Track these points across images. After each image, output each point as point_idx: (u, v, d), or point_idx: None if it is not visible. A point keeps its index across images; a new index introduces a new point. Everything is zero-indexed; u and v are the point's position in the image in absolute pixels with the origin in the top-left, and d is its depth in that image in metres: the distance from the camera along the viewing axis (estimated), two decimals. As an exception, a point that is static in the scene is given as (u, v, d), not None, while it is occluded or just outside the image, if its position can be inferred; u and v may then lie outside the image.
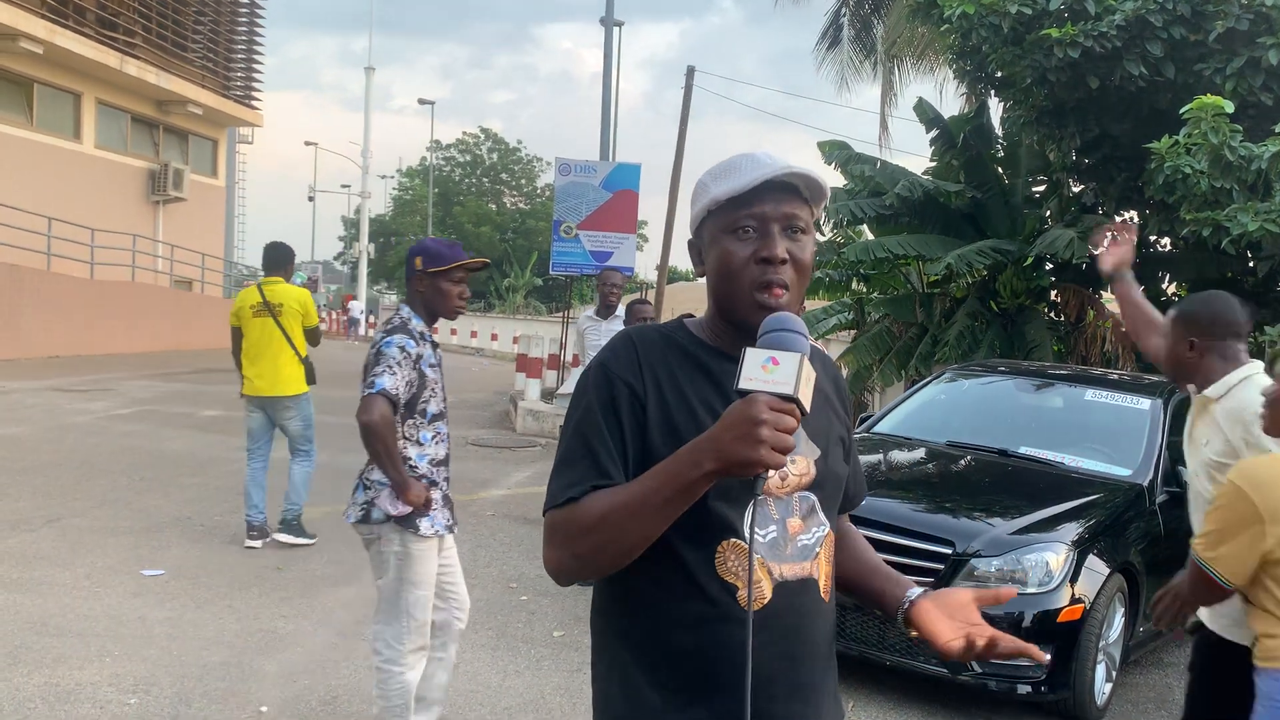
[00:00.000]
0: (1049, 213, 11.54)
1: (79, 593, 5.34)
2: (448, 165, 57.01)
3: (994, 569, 4.45)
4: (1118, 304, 3.65)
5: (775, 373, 1.32)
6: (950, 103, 22.62)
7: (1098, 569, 4.57)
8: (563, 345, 15.24)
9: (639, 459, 1.49)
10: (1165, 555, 4.83)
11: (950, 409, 6.38)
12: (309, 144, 61.65)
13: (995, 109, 12.05)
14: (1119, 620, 4.77)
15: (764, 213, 1.51)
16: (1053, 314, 11.46)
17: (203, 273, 23.34)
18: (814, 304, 13.49)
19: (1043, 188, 11.98)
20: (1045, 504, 4.89)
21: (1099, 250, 3.56)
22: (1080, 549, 4.55)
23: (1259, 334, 8.56)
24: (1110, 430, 5.71)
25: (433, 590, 3.53)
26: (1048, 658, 1.59)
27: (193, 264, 22.57)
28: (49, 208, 17.57)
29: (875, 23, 19.80)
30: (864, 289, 13.22)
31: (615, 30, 16.21)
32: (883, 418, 6.37)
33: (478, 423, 12.82)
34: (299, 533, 6.54)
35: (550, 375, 14.53)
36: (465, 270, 3.55)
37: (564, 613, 5.52)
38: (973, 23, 9.10)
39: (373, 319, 40.10)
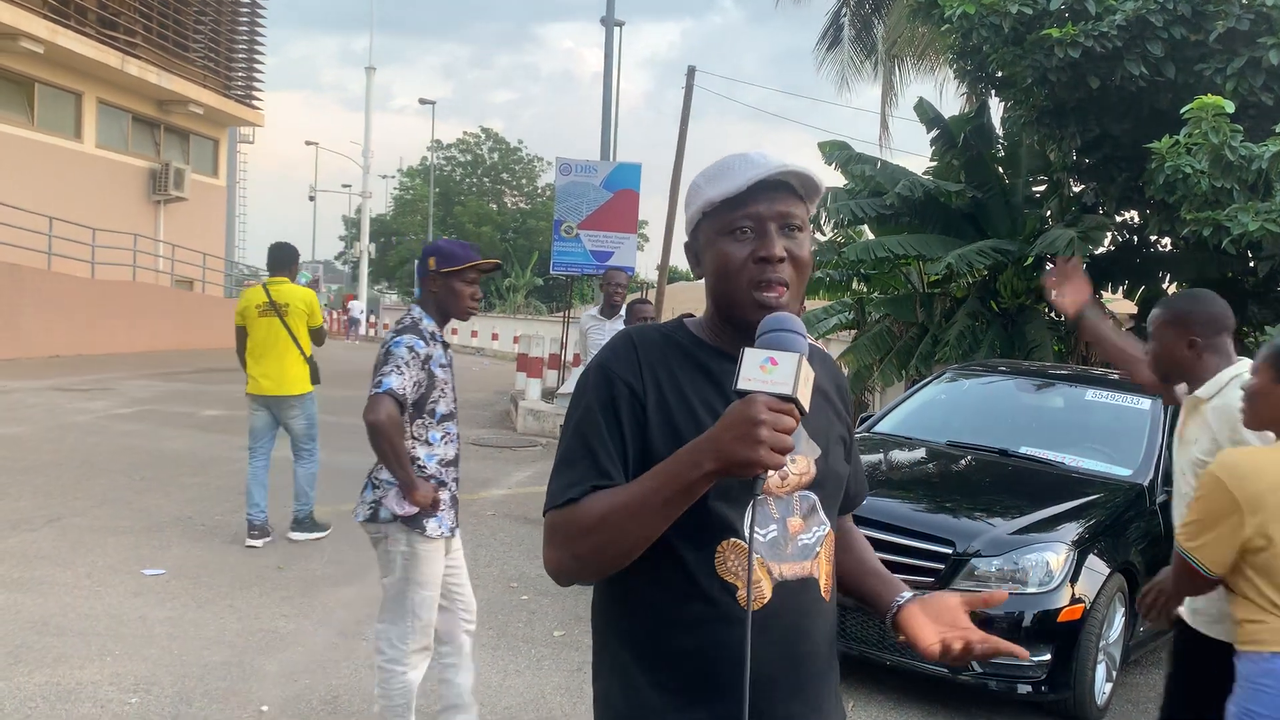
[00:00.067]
0: (1049, 213, 11.54)
1: (80, 592, 5.34)
2: (448, 165, 57.03)
3: (994, 569, 4.45)
4: (1093, 345, 3.60)
5: (774, 373, 1.32)
6: (950, 103, 22.65)
7: (1098, 569, 4.57)
8: (563, 345, 15.24)
9: (639, 459, 1.49)
10: (1166, 555, 4.78)
11: (951, 409, 6.38)
12: (310, 144, 61.76)
13: (996, 109, 12.06)
14: (1119, 620, 4.77)
15: (759, 212, 1.51)
16: (1053, 314, 11.45)
17: (204, 272, 23.33)
18: (814, 304, 13.49)
19: (1043, 188, 11.99)
20: (1045, 504, 4.89)
21: (1054, 295, 3.53)
22: (1080, 549, 4.55)
23: (1260, 334, 8.55)
24: (1111, 430, 5.72)
25: (438, 591, 3.53)
26: (1029, 655, 1.59)
27: (194, 264, 22.57)
28: (50, 207, 17.58)
29: (876, 23, 19.81)
30: (864, 289, 13.22)
31: (616, 30, 16.22)
32: (883, 417, 6.37)
33: (478, 422, 12.82)
34: (312, 528, 6.67)
35: (551, 375, 14.54)
36: (478, 271, 3.56)
37: (564, 612, 5.52)
38: (973, 23, 9.10)
39: (373, 319, 40.11)
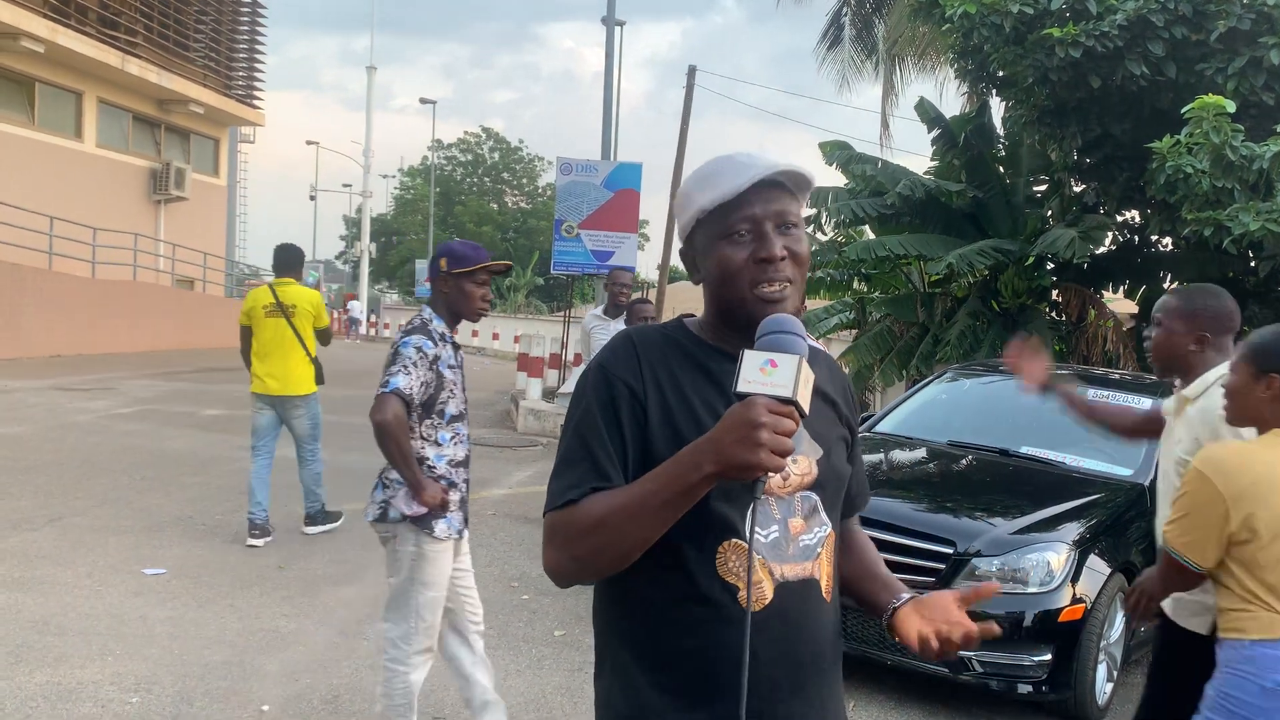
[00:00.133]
0: (1050, 212, 11.54)
1: (80, 592, 5.34)
2: (449, 164, 57.03)
3: (995, 569, 4.45)
4: (1069, 409, 3.62)
5: (774, 375, 1.31)
6: (951, 102, 22.62)
7: (1099, 569, 4.57)
8: (564, 344, 15.25)
9: (639, 460, 1.49)
10: (1166, 555, 4.82)
11: (951, 408, 6.38)
12: (310, 143, 61.91)
13: (997, 108, 12.06)
14: (1120, 620, 4.77)
15: (755, 214, 1.51)
16: (1054, 314, 11.46)
17: (204, 272, 23.34)
18: (815, 303, 13.49)
19: (1044, 187, 11.99)
20: (1046, 504, 4.89)
21: (1018, 376, 3.50)
22: (1081, 549, 4.55)
23: (1260, 334, 8.49)
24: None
25: (444, 592, 3.53)
26: (999, 629, 1.59)
27: (194, 263, 22.57)
28: (50, 207, 17.58)
29: (876, 22, 19.81)
30: (865, 288, 13.23)
31: (617, 30, 16.20)
32: (884, 417, 6.37)
33: (479, 422, 12.82)
34: (325, 520, 6.81)
35: (552, 374, 14.54)
36: (489, 272, 3.56)
37: (565, 612, 5.52)
38: (974, 22, 9.11)
39: (374, 318, 40.11)
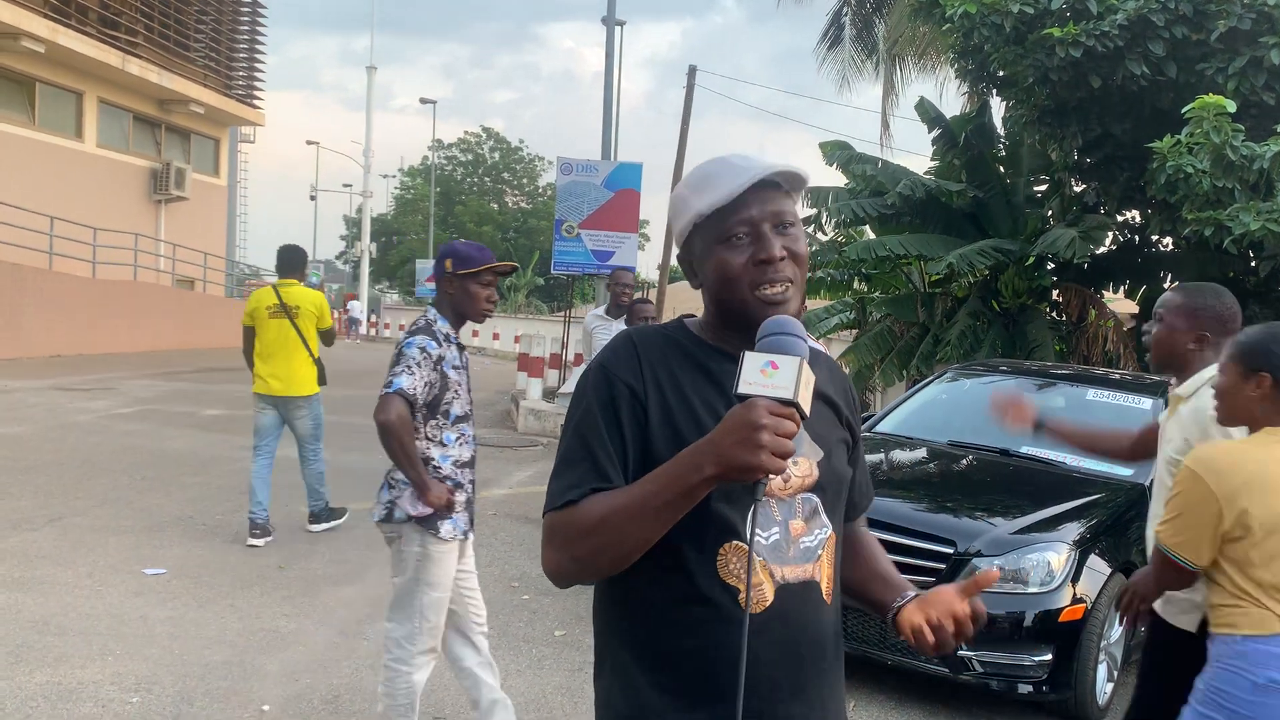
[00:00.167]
0: (1051, 212, 11.55)
1: (81, 592, 5.35)
2: (449, 164, 57.02)
3: (995, 569, 4.44)
4: (1074, 450, 3.61)
5: (775, 377, 1.31)
6: (951, 102, 22.62)
7: (1099, 569, 4.57)
8: (564, 344, 15.25)
9: (640, 460, 1.49)
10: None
11: (952, 408, 6.37)
12: (310, 143, 61.91)
13: (997, 108, 12.07)
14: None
15: (752, 216, 1.51)
16: (1054, 314, 11.47)
17: (205, 272, 23.34)
18: (815, 303, 13.49)
19: (1044, 187, 11.99)
20: (1047, 503, 4.89)
21: (1004, 424, 3.49)
22: (1082, 549, 4.55)
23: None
24: (1110, 430, 5.70)
25: (449, 593, 3.53)
26: (995, 573, 1.55)
27: (195, 263, 22.58)
28: (51, 207, 17.58)
29: (877, 22, 19.81)
30: (865, 288, 13.23)
31: (617, 29, 16.20)
32: (884, 417, 6.37)
33: (479, 422, 12.76)
34: (329, 518, 6.88)
35: (552, 374, 14.54)
36: (494, 273, 3.56)
37: (565, 612, 5.52)
38: (974, 22, 9.11)
39: (374, 318, 40.11)
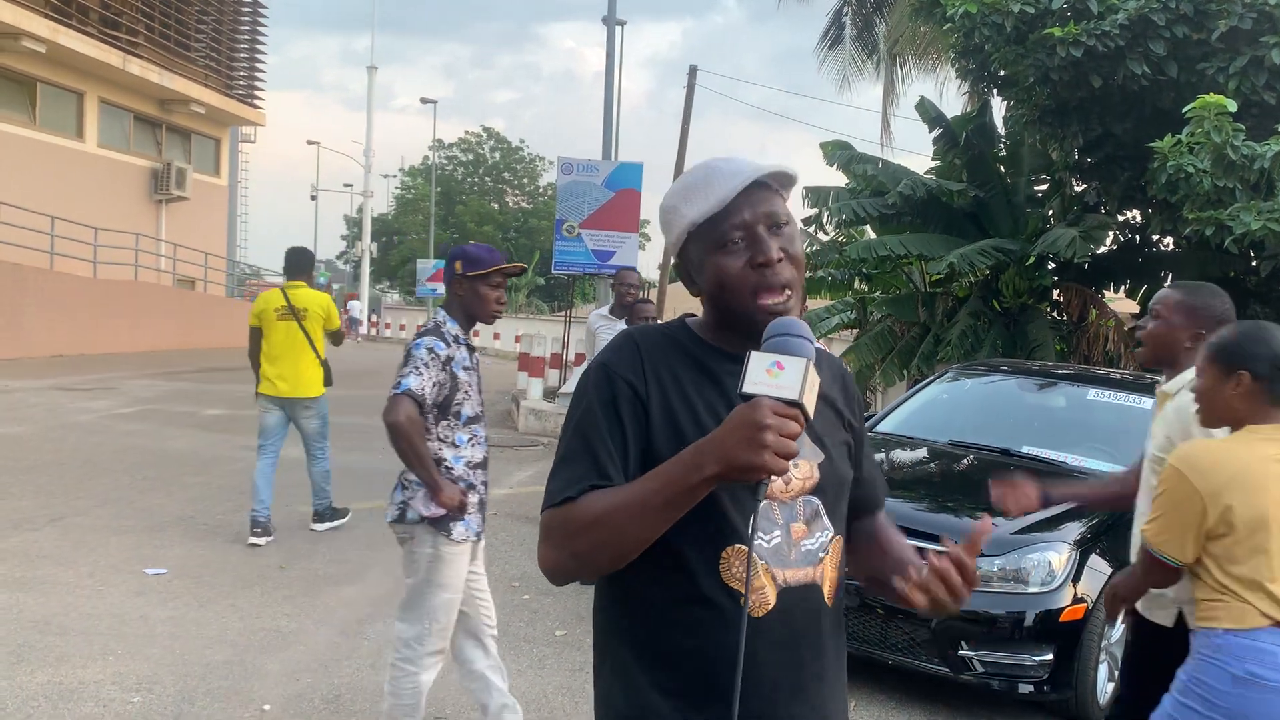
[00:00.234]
0: (1051, 212, 11.55)
1: (82, 591, 5.35)
2: (450, 164, 57.02)
3: (996, 568, 4.45)
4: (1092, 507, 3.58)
5: (780, 377, 1.31)
6: (951, 102, 22.59)
7: (1100, 569, 4.56)
8: (564, 344, 15.25)
9: (641, 459, 1.48)
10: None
11: (952, 408, 6.37)
12: (311, 143, 61.83)
13: (998, 108, 12.06)
14: (1121, 620, 4.76)
15: (745, 220, 1.50)
16: (1055, 313, 11.46)
17: (205, 272, 23.34)
18: (816, 303, 13.49)
19: (1045, 187, 11.99)
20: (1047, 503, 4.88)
21: (1008, 514, 3.48)
22: (1083, 548, 4.55)
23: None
24: (1113, 429, 5.71)
25: (460, 595, 3.53)
26: (988, 523, 1.52)
27: (195, 263, 22.58)
28: (52, 207, 17.59)
29: (877, 22, 19.80)
30: (866, 288, 13.23)
31: (618, 29, 16.19)
32: (885, 417, 6.37)
33: (480, 422, 12.80)
34: (333, 517, 6.95)
35: (553, 374, 14.54)
36: (503, 274, 3.58)
37: (566, 612, 5.52)
38: (975, 22, 9.11)
39: (374, 318, 40.13)
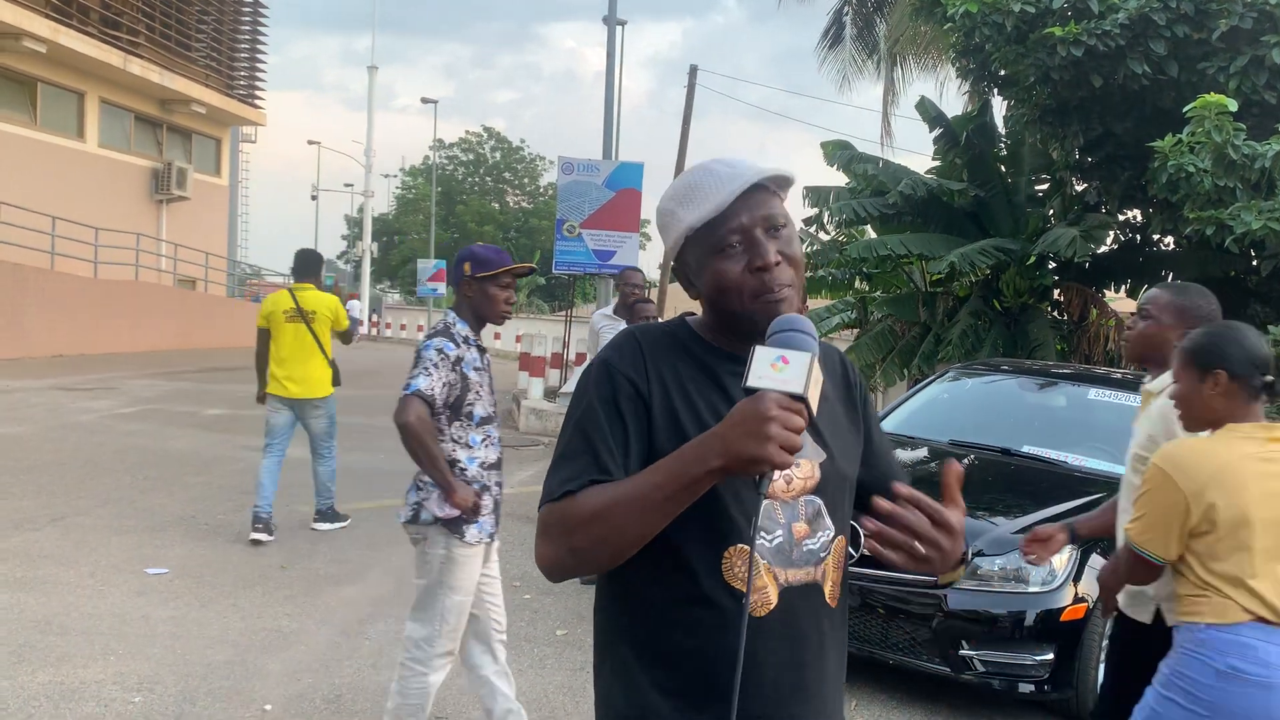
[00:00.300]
0: (1052, 211, 11.54)
1: (83, 591, 5.35)
2: (451, 164, 57.01)
3: (997, 568, 4.45)
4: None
5: (785, 372, 1.31)
6: (952, 101, 22.61)
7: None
8: (565, 344, 15.26)
9: (642, 457, 1.47)
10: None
11: (953, 408, 6.37)
12: (312, 143, 61.70)
13: (998, 107, 12.06)
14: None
15: (742, 224, 1.49)
16: (1056, 313, 11.46)
17: (206, 272, 23.35)
18: (817, 303, 13.49)
19: (1046, 186, 11.99)
20: (1048, 503, 4.88)
21: (1041, 560, 3.46)
22: (1083, 548, 4.54)
23: (1263, 333, 8.47)
24: (1113, 429, 5.69)
25: (471, 597, 3.53)
26: (958, 466, 1.49)
27: (196, 263, 22.59)
28: (52, 207, 17.60)
29: (878, 21, 19.79)
30: (867, 288, 13.23)
31: (618, 29, 16.20)
32: (885, 417, 6.36)
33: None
34: (335, 519, 7.00)
35: (553, 374, 14.54)
36: (512, 275, 3.58)
37: (567, 611, 5.52)
38: (976, 21, 9.11)
39: (375, 318, 40.12)
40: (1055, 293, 11.50)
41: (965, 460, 5.67)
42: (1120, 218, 11.19)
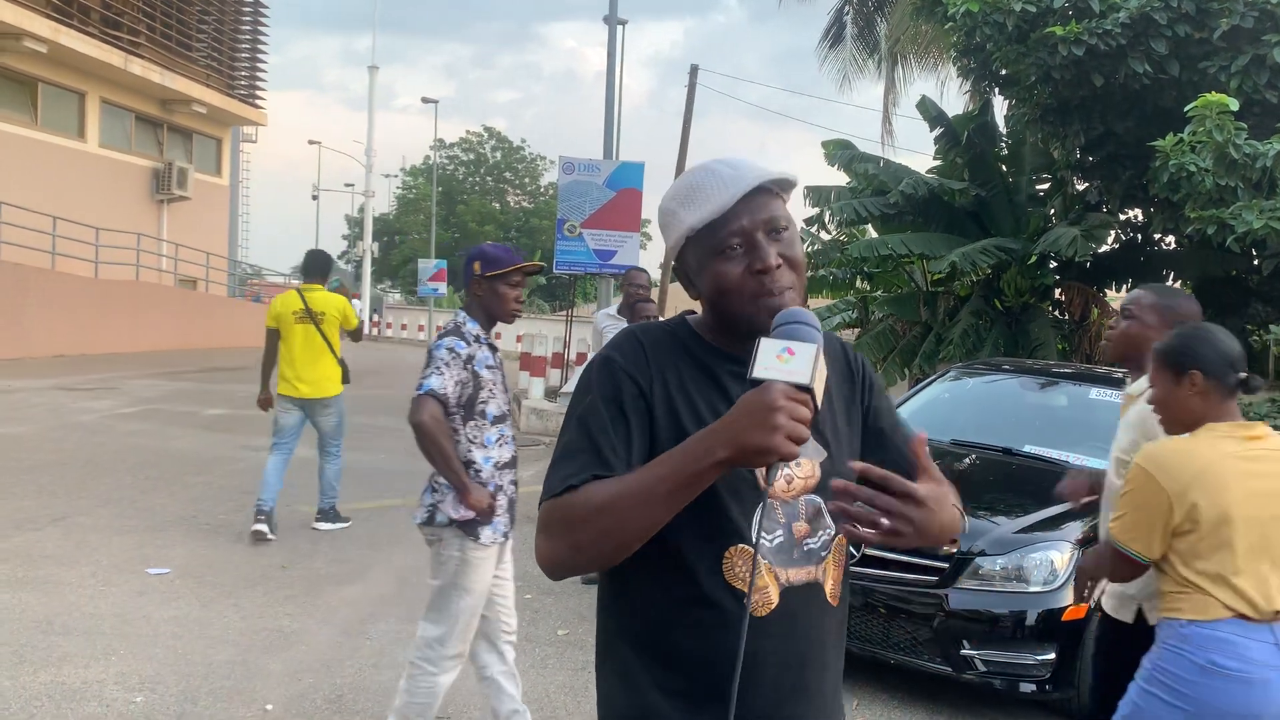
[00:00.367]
0: (1053, 211, 11.54)
1: (84, 591, 5.35)
2: (451, 164, 57.01)
3: (998, 568, 4.45)
4: None
5: (791, 363, 1.30)
6: (952, 100, 22.62)
7: (1102, 567, 4.57)
8: (566, 344, 15.26)
9: (644, 455, 1.47)
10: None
11: (954, 407, 6.37)
12: (313, 143, 61.67)
13: (999, 107, 12.06)
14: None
15: (744, 227, 1.48)
16: (1057, 312, 11.46)
17: (207, 271, 23.36)
18: (818, 302, 13.50)
19: (1047, 186, 11.99)
20: (1049, 502, 4.87)
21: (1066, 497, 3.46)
22: (1085, 547, 4.54)
23: (1264, 331, 8.52)
24: (1115, 428, 5.69)
25: (484, 600, 3.54)
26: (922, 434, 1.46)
27: (197, 263, 22.60)
28: (53, 207, 17.60)
29: (878, 20, 19.79)
30: (868, 287, 13.23)
31: (619, 29, 16.19)
32: (887, 416, 6.36)
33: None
34: (336, 519, 7.02)
35: (554, 374, 14.54)
36: (522, 274, 3.59)
37: (568, 611, 5.52)
38: (977, 20, 9.11)
39: (376, 318, 40.13)
40: (1056, 292, 11.50)
41: (967, 460, 5.68)
42: (1121, 217, 11.19)
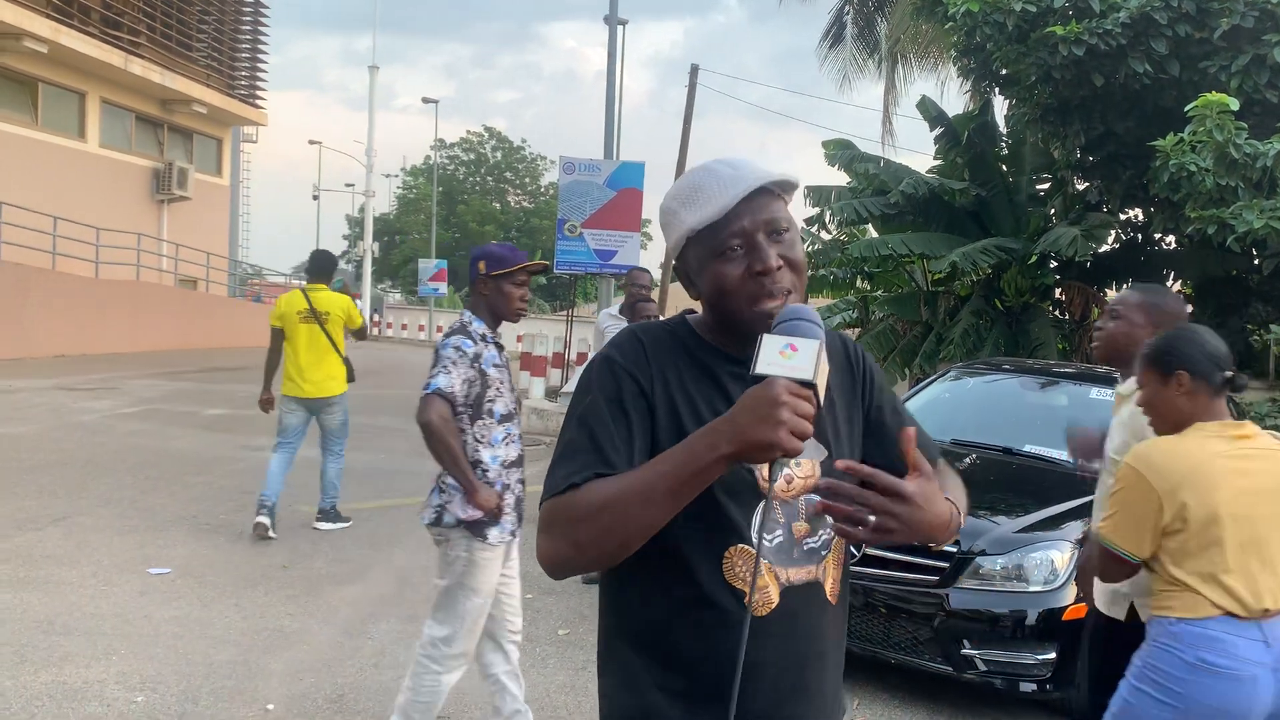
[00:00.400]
0: (1053, 210, 11.55)
1: (85, 591, 5.36)
2: (452, 164, 57.02)
3: (999, 567, 4.45)
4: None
5: (794, 359, 1.30)
6: (952, 100, 22.62)
7: (1103, 567, 4.57)
8: (566, 343, 15.26)
9: (645, 454, 1.47)
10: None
11: (955, 407, 6.37)
12: (313, 143, 61.68)
13: (999, 107, 12.07)
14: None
15: (744, 227, 1.48)
16: (1057, 312, 11.47)
17: (207, 271, 23.37)
18: (818, 302, 13.50)
19: (1047, 185, 11.99)
20: (1050, 502, 4.89)
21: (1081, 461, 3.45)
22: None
23: (1264, 331, 8.52)
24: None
25: (491, 600, 3.54)
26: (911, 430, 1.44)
27: (197, 263, 22.60)
28: (54, 207, 17.61)
29: (879, 20, 19.78)
30: (868, 287, 13.24)
31: (619, 29, 16.19)
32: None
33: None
34: (336, 518, 7.03)
35: (555, 373, 14.54)
36: (527, 272, 3.60)
37: (569, 611, 5.53)
38: (977, 20, 9.11)
39: (376, 318, 40.14)
40: (1057, 292, 11.51)
41: (967, 460, 5.68)
42: (1122, 217, 11.20)
